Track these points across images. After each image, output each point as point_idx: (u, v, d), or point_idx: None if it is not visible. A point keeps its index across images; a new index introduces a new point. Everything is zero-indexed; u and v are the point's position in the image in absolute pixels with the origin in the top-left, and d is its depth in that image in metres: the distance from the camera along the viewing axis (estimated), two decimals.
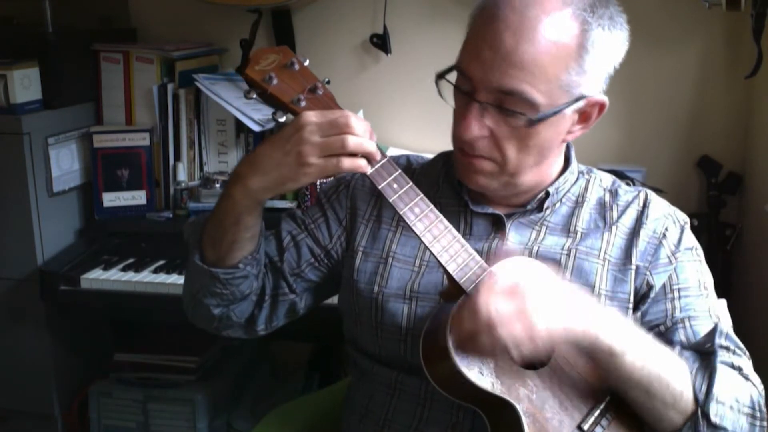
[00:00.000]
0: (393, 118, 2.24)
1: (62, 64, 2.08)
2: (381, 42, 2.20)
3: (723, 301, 1.29)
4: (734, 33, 2.06)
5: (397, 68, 2.24)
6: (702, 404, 1.08)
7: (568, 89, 1.10)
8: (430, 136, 2.14)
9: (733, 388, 1.10)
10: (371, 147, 1.07)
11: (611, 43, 1.12)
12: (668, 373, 1.08)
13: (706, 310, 1.19)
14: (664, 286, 1.19)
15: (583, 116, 1.16)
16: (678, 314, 1.17)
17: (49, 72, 2.04)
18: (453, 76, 1.16)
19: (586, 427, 1.09)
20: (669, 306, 1.18)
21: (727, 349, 1.15)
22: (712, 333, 1.16)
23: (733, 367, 1.13)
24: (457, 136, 1.14)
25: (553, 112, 1.10)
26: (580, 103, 1.13)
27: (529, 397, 1.06)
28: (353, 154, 1.06)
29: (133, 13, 2.38)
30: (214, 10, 2.23)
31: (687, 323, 1.17)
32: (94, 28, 2.31)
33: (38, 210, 2.01)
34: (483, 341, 0.98)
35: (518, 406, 1.04)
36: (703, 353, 1.13)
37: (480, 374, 1.03)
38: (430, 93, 1.18)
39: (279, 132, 1.08)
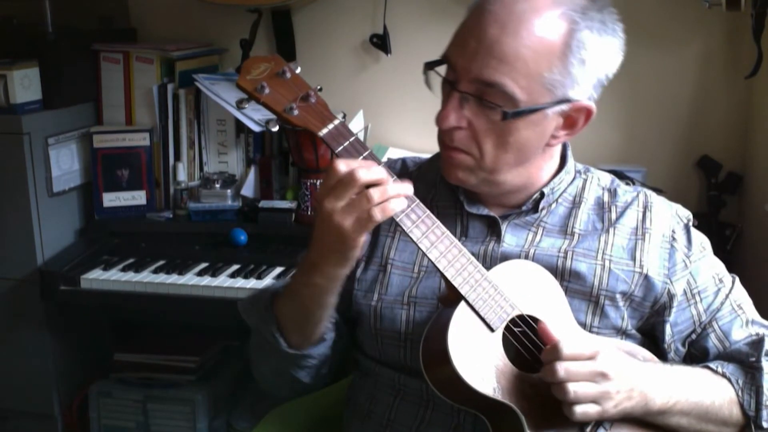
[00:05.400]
0: (393, 118, 2.24)
1: (62, 64, 2.08)
2: (381, 42, 2.20)
3: (735, 278, 1.28)
4: (734, 33, 2.06)
5: (397, 68, 2.23)
6: (754, 419, 1.16)
7: (551, 88, 1.09)
8: (430, 136, 2.09)
9: None
10: (392, 191, 1.03)
11: (601, 47, 1.10)
12: (714, 404, 1.14)
13: (728, 304, 1.22)
14: (684, 292, 1.20)
15: (569, 121, 1.14)
16: (704, 318, 1.21)
17: (49, 72, 2.04)
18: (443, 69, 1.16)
19: (588, 429, 1.09)
20: (694, 311, 1.21)
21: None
22: (757, 346, 1.19)
23: None
24: (438, 126, 1.14)
25: (531, 109, 1.09)
26: (564, 106, 1.11)
27: (530, 401, 1.06)
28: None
29: (133, 13, 2.39)
30: (214, 10, 2.23)
31: (715, 325, 1.21)
32: (94, 28, 2.31)
33: (38, 210, 2.01)
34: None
35: (520, 410, 1.04)
36: (747, 366, 1.18)
37: (481, 379, 1.03)
38: (429, 93, 1.18)
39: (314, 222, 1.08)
